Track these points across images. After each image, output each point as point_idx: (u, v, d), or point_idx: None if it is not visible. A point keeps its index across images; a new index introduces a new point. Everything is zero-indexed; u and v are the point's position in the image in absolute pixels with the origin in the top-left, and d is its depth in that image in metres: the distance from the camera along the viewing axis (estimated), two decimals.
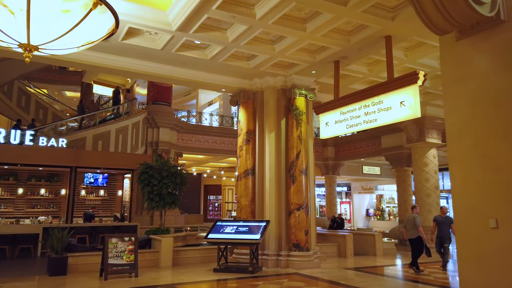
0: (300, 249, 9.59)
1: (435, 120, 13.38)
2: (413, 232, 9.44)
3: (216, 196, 36.94)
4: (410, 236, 9.48)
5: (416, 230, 9.37)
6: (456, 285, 7.40)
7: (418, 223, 9.39)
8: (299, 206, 9.76)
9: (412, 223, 9.47)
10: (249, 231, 9.11)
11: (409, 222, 9.60)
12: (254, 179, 10.46)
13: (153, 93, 21.01)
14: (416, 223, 9.39)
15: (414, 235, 9.43)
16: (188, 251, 10.34)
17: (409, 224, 9.55)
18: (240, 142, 10.67)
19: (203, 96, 31.45)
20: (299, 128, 10.08)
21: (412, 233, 9.45)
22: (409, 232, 9.51)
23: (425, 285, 7.79)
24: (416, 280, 8.35)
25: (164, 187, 11.02)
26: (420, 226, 9.37)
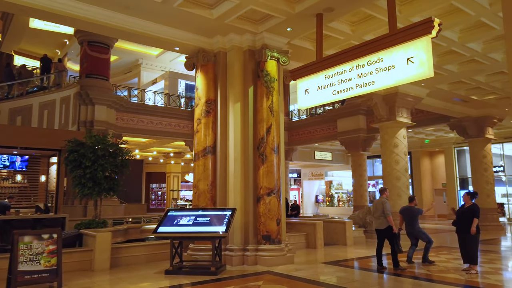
0: (271, 242, 7.99)
1: (406, 98, 12.44)
2: (381, 221, 7.65)
3: (160, 184, 34.38)
4: (378, 226, 7.70)
5: (385, 219, 7.61)
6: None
7: (388, 211, 7.58)
8: (270, 191, 8.13)
9: (380, 210, 7.66)
10: (211, 222, 7.31)
11: (377, 208, 7.80)
12: (215, 158, 8.63)
13: (87, 64, 18.16)
14: (385, 211, 7.58)
15: (383, 224, 7.63)
16: (131, 248, 8.28)
17: (377, 211, 7.75)
18: (198, 114, 8.75)
19: (145, 74, 28.63)
20: (270, 98, 8.40)
21: (381, 222, 7.66)
22: (377, 220, 7.76)
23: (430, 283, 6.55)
24: (416, 277, 7.07)
25: (99, 170, 8.78)
26: (390, 214, 7.63)
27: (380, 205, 7.76)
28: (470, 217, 7.03)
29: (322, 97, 7.18)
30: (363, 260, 8.84)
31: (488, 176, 15.77)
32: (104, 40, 18.08)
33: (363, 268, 7.95)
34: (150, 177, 33.89)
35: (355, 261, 8.74)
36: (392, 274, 7.19)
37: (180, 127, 21.69)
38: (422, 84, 12.15)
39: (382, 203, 7.73)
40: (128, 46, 25.91)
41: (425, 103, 13.48)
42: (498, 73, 11.18)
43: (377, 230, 7.85)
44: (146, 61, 28.18)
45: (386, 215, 7.60)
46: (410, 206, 8.47)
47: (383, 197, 7.92)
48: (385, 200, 7.78)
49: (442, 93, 13.07)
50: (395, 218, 9.45)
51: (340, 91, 6.82)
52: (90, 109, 17.50)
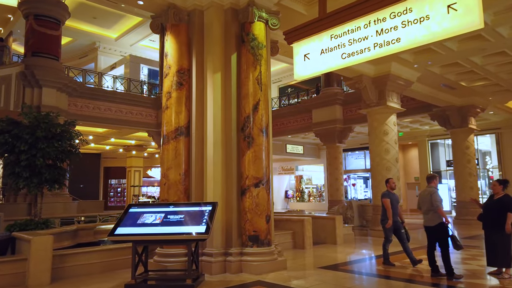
0: (260, 244, 6.49)
1: (397, 81, 11.35)
2: (431, 217, 6.01)
3: (119, 180, 31.89)
4: (428, 223, 6.07)
5: (435, 214, 5.99)
6: None
7: (437, 202, 5.97)
8: (258, 181, 6.62)
9: (429, 203, 6.02)
10: (186, 221, 5.68)
11: (424, 201, 6.13)
12: (190, 141, 6.99)
13: (33, 41, 15.74)
14: (434, 202, 5.96)
15: (433, 220, 5.98)
16: (81, 255, 6.47)
17: (425, 204, 6.10)
18: (168, 87, 7.05)
19: (103, 59, 26.18)
20: (258, 68, 6.87)
21: (431, 218, 6.02)
22: (425, 216, 6.13)
23: None
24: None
25: (39, 156, 6.87)
26: (441, 206, 5.99)
27: (428, 196, 6.10)
28: (501, 210, 5.82)
29: (328, 63, 5.75)
30: (367, 262, 7.53)
31: (471, 168, 15.16)
32: (54, 14, 15.74)
33: (379, 275, 6.41)
34: (108, 172, 31.32)
35: (358, 264, 7.37)
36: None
37: (143, 115, 19.67)
38: (415, 66, 11.11)
39: (430, 193, 6.08)
40: (83, 27, 23.39)
41: (412, 89, 12.51)
42: (497, 53, 10.32)
43: (425, 227, 6.21)
44: (104, 44, 25.67)
45: (436, 207, 5.96)
46: None
47: (432, 186, 6.27)
48: (434, 190, 6.18)
49: (431, 78, 12.14)
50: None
51: (352, 54, 5.42)
52: (36, 92, 15.16)
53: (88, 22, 22.75)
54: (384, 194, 7.11)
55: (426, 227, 6.17)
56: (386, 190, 7.20)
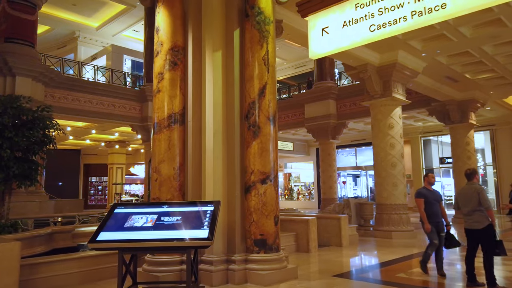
0: (268, 249, 5.60)
1: (403, 71, 10.63)
2: (478, 218, 5.10)
3: (100, 177, 30.50)
4: (473, 225, 5.15)
5: (483, 215, 5.09)
6: None
7: (487, 202, 5.11)
8: (265, 177, 5.73)
9: (475, 202, 5.13)
10: (184, 224, 4.73)
11: (468, 199, 5.23)
12: (185, 130, 6.04)
13: (6, 26, 14.43)
14: (484, 202, 5.08)
15: (481, 222, 5.09)
16: (56, 264, 5.44)
17: (469, 203, 5.19)
18: (160, 67, 6.07)
19: (83, 49, 24.80)
20: (265, 46, 5.97)
21: (477, 220, 5.10)
22: (470, 217, 5.19)
23: None
24: None
25: (5, 147, 5.79)
26: (491, 207, 5.14)
27: (474, 194, 5.18)
28: None
29: (352, 37, 4.90)
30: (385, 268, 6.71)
31: (472, 164, 14.64)
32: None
33: (407, 285, 5.61)
34: (88, 169, 29.92)
35: (377, 271, 6.54)
36: None
37: (126, 109, 18.51)
38: (423, 55, 10.41)
39: (477, 191, 5.18)
40: (62, 14, 21.96)
41: (415, 80, 11.84)
42: (509, 42, 9.71)
43: (469, 230, 5.27)
44: (84, 34, 24.28)
45: (486, 208, 5.09)
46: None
47: (474, 183, 5.36)
48: (481, 188, 5.30)
49: (436, 69, 11.50)
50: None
51: (383, 25, 4.58)
52: (9, 81, 13.89)
53: (67, 9, 21.38)
54: (418, 192, 6.05)
55: (469, 230, 5.26)
56: (423, 186, 6.18)
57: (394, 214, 10.16)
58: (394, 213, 10.17)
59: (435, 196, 6.04)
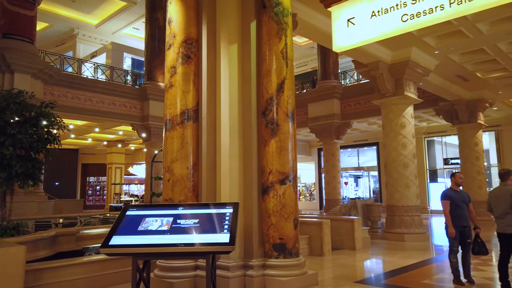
0: (287, 254, 5.28)
1: (415, 69, 10.36)
2: (511, 221, 4.83)
3: (98, 177, 30.05)
4: (505, 229, 4.85)
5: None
6: None
7: None
8: (284, 177, 5.41)
9: (508, 204, 4.84)
10: (202, 227, 4.40)
11: (501, 201, 4.95)
12: (198, 128, 5.71)
13: (4, 21, 14.08)
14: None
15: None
16: (62, 270, 5.09)
17: (502, 205, 4.92)
18: (172, 60, 5.73)
19: (82, 47, 24.37)
20: (283, 39, 5.66)
21: (510, 223, 4.82)
22: (502, 221, 4.89)
23: None
24: None
25: (8, 144, 5.43)
26: None
27: (506, 196, 4.89)
28: None
29: (381, 28, 4.59)
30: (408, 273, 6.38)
31: (480, 165, 14.41)
32: None
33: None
34: (86, 169, 29.44)
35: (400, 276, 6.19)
36: None
37: (127, 107, 18.13)
38: (436, 52, 10.14)
39: (510, 192, 4.89)
40: (61, 11, 21.55)
41: (425, 79, 11.58)
42: None
43: (502, 234, 4.95)
44: (83, 31, 23.86)
45: None
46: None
47: (508, 184, 5.05)
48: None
49: (448, 67, 11.25)
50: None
51: (417, 14, 4.27)
52: (8, 78, 13.52)
53: (66, 6, 20.98)
54: (444, 194, 5.71)
55: (502, 234, 4.95)
56: (449, 187, 5.79)
57: (406, 216, 9.88)
58: (406, 215, 9.89)
59: (462, 197, 5.64)
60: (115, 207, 21.22)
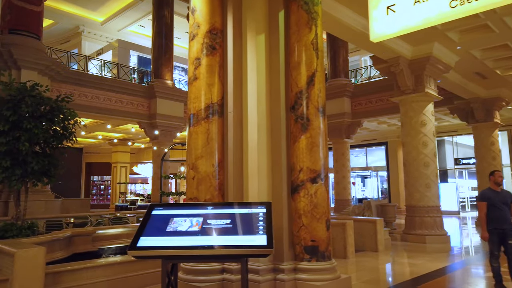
0: (320, 257, 4.98)
1: (436, 65, 10.04)
2: None
3: (102, 176, 29.78)
4: None
5: None
6: None
7: None
8: (316, 175, 5.10)
9: None
10: (236, 228, 4.10)
11: None
12: (224, 123, 5.41)
13: (10, 17, 13.79)
14: None
15: None
16: (81, 272, 4.79)
17: None
18: (197, 51, 5.43)
19: (87, 45, 24.09)
20: (314, 29, 5.36)
21: None
22: None
23: None
24: None
25: (24, 140, 5.14)
26: None
27: None
28: None
29: (426, 14, 4.27)
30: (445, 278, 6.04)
31: (497, 165, 14.08)
32: None
33: None
34: (90, 168, 29.16)
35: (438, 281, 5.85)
36: None
37: (134, 105, 17.85)
38: (458, 48, 9.83)
39: None
40: (66, 8, 21.27)
41: (444, 76, 11.27)
42: None
43: None
44: (88, 29, 23.57)
45: None
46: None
47: None
48: None
49: (468, 63, 10.93)
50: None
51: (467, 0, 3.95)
52: (14, 74, 13.14)
53: (72, 3, 20.70)
54: (482, 194, 5.38)
55: None
56: (487, 187, 5.44)
57: (427, 217, 9.56)
58: (427, 215, 9.57)
59: (502, 198, 5.26)
60: (121, 207, 20.97)
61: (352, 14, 7.80)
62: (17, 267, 3.97)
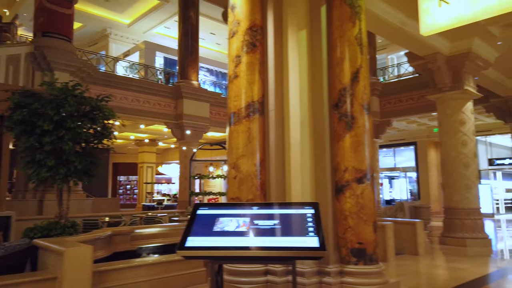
0: (368, 260, 4.80)
1: (476, 61, 9.63)
2: None
3: (128, 176, 30.28)
4: None
5: None
6: None
7: None
8: (362, 175, 4.92)
9: None
10: (285, 229, 3.97)
11: None
12: (265, 122, 5.30)
13: (43, 20, 14.11)
14: None
15: None
16: (126, 272, 4.78)
17: None
18: (237, 48, 5.34)
19: (114, 47, 24.49)
20: (357, 24, 5.18)
21: None
22: None
23: None
24: None
25: (67, 139, 5.18)
26: None
27: None
28: None
29: (484, 3, 4.03)
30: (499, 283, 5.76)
31: None
32: None
33: None
34: (117, 168, 29.68)
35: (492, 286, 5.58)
36: None
37: (161, 106, 18.00)
38: (499, 43, 9.41)
39: None
40: (94, 11, 21.70)
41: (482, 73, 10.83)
42: None
43: None
44: (115, 31, 23.98)
45: None
46: None
47: None
48: None
49: (509, 59, 10.47)
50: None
51: None
52: (48, 76, 13.49)
53: (100, 5, 21.09)
54: None
55: None
56: None
57: (467, 220, 9.17)
58: (467, 218, 9.18)
59: None
60: (148, 206, 21.20)
61: (389, 8, 7.55)
62: (66, 266, 3.97)
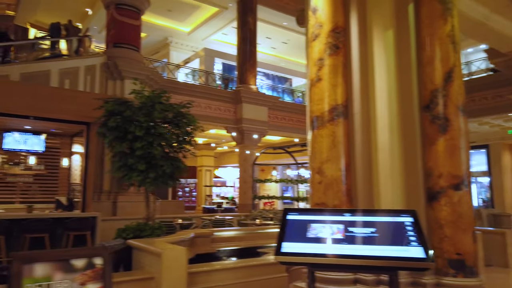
0: (468, 272, 4.48)
1: None
2: None
3: (187, 179, 31.24)
4: None
5: None
6: None
7: None
8: (459, 181, 4.61)
9: None
10: (382, 238, 3.82)
11: None
12: (349, 125, 5.16)
13: (114, 31, 15.02)
14: None
15: None
16: (214, 274, 4.87)
17: None
18: (320, 51, 5.26)
19: (175, 55, 25.45)
20: (450, 20, 4.89)
21: None
22: None
23: None
24: None
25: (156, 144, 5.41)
26: None
27: None
28: None
29: None
30: None
31: None
32: (133, 3, 14.92)
33: None
34: None
35: None
36: None
37: (221, 110, 18.41)
38: None
39: None
40: (157, 21, 22.73)
41: None
42: None
43: None
44: (176, 39, 24.95)
45: None
46: None
47: None
48: None
49: None
50: None
51: None
52: (118, 85, 14.36)
53: (162, 15, 22.04)
54: None
55: None
56: None
57: None
58: None
59: None
60: (208, 209, 21.75)
61: (471, 2, 7.10)
62: (164, 267, 4.12)
